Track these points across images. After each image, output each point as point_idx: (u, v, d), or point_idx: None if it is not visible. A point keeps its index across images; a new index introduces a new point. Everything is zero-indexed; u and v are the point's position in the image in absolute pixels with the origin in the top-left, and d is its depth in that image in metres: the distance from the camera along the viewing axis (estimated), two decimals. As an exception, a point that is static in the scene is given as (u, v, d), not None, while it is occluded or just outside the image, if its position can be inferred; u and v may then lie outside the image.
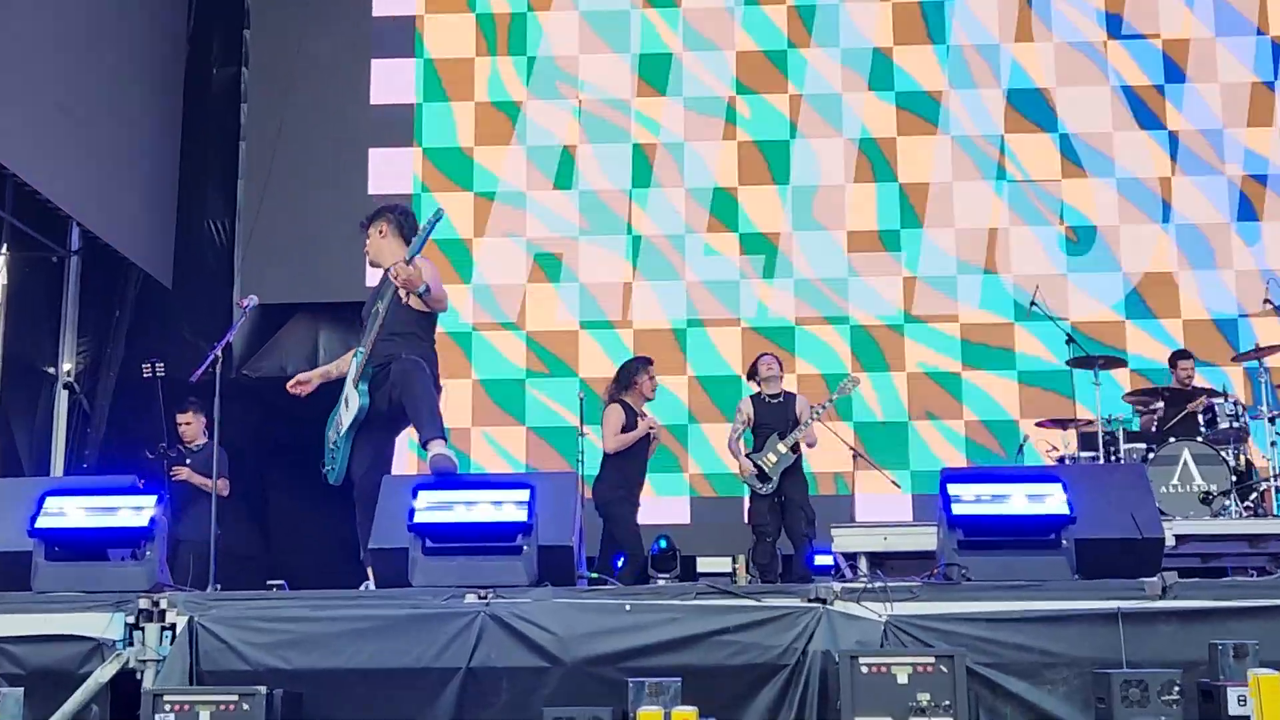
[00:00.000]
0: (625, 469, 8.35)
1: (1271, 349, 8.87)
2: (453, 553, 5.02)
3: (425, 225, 5.74)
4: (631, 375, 8.53)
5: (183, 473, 8.06)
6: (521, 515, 5.01)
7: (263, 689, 4.25)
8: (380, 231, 6.14)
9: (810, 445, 8.51)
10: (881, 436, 10.51)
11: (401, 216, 6.18)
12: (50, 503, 5.07)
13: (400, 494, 5.14)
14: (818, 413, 8.51)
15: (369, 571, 5.35)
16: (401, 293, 5.72)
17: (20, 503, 5.13)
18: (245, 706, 4.21)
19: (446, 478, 5.38)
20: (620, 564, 8.09)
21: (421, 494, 5.08)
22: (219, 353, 6.30)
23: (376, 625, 4.71)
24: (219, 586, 5.37)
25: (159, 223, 11.48)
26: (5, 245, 9.97)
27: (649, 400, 8.57)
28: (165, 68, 11.65)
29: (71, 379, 10.75)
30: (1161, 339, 10.78)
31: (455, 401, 10.46)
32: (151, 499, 5.12)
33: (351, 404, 5.83)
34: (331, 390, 6.08)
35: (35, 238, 10.14)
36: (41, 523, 5.01)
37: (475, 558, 5.01)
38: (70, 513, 5.08)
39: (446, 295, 6.02)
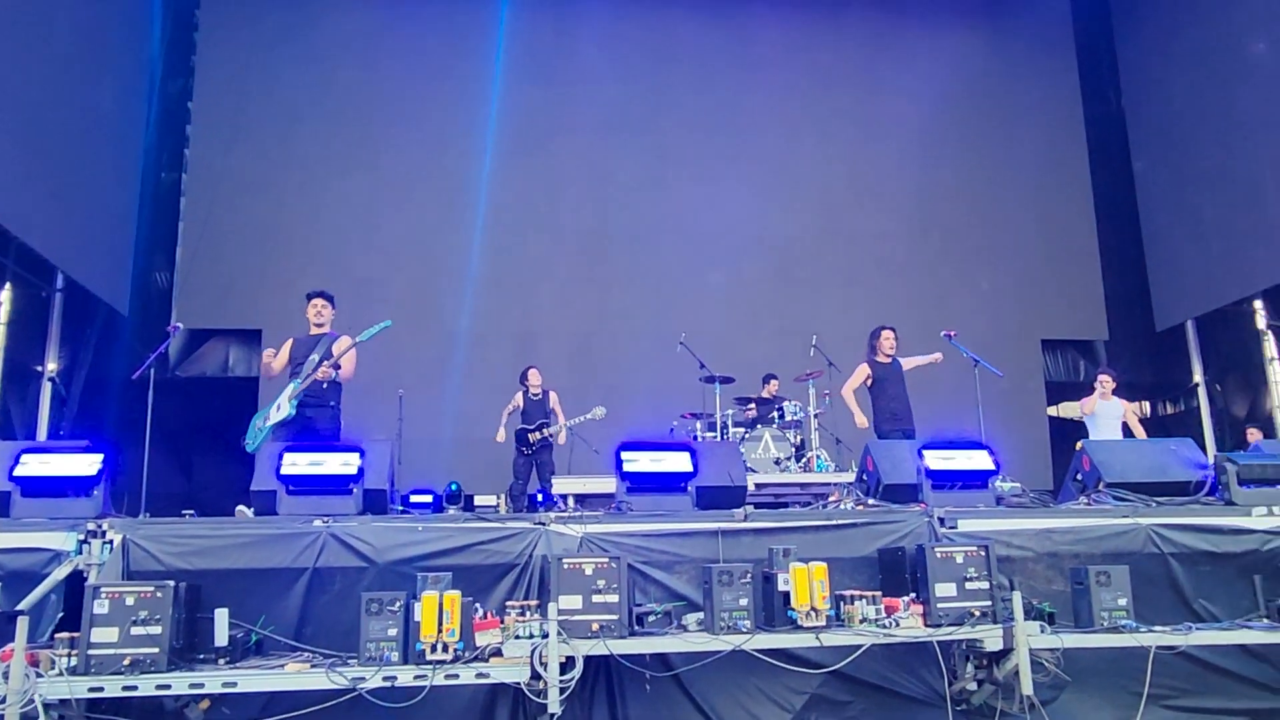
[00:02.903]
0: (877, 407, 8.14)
1: (812, 374, 10.29)
2: (307, 493, 5.29)
3: (371, 331, 6.51)
4: (871, 340, 8.39)
5: None
6: (354, 470, 5.33)
7: (171, 583, 4.30)
8: (330, 310, 6.88)
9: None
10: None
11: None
12: (25, 458, 5.23)
13: (274, 455, 5.41)
14: (570, 425, 9.37)
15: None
16: (321, 370, 6.56)
17: (3, 459, 5.23)
18: (159, 595, 4.24)
19: (303, 443, 5.73)
20: None
21: (287, 455, 5.39)
22: (153, 359, 6.61)
23: (253, 540, 4.88)
24: (148, 514, 5.51)
25: (120, 271, 12.04)
26: (9, 284, 10.27)
27: (889, 356, 8.28)
28: (128, 169, 12.34)
29: (54, 376, 10.96)
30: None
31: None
32: (100, 456, 5.28)
33: (283, 411, 6.48)
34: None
35: (30, 279, 10.46)
36: (18, 471, 5.17)
37: (322, 496, 5.26)
38: (39, 465, 5.22)
39: (352, 372, 6.79)
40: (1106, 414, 9.36)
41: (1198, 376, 14.62)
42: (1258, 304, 13.35)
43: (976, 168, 14.29)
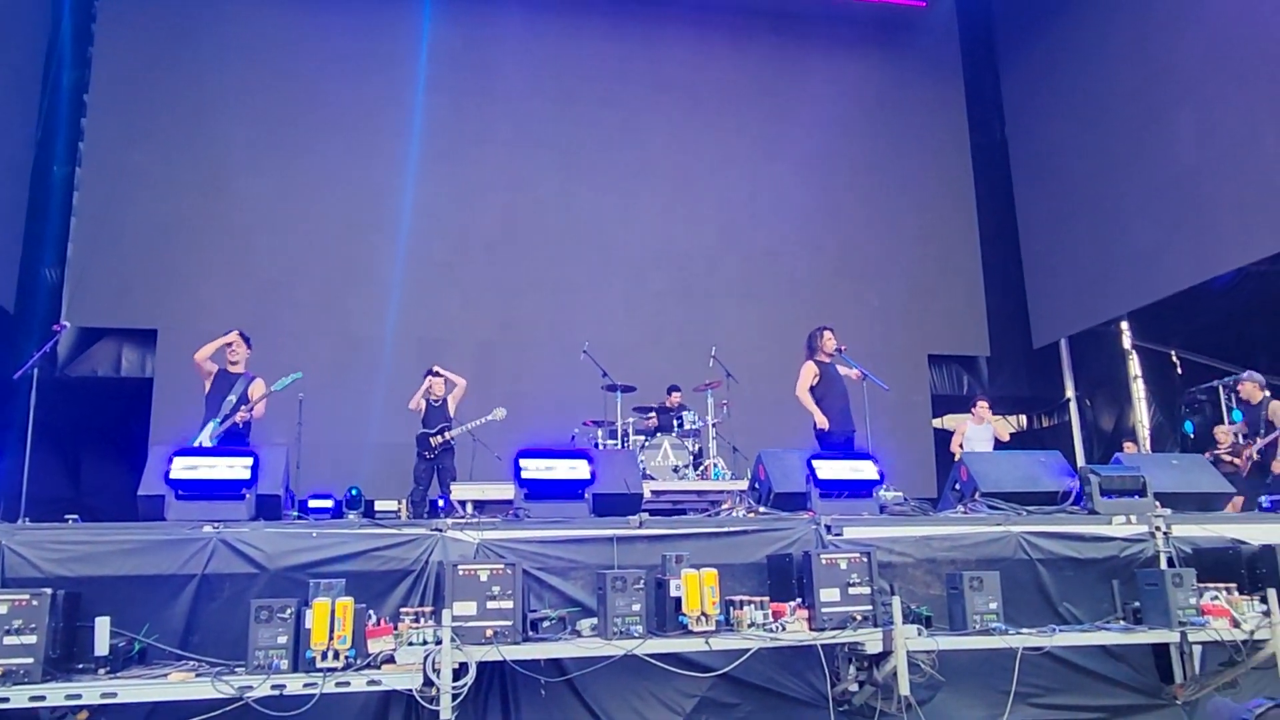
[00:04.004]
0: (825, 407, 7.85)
1: (710, 384, 10.62)
2: (196, 498, 5.15)
3: (284, 382, 6.88)
4: (812, 340, 8.17)
5: None
6: (246, 474, 5.21)
7: (48, 590, 4.16)
8: (246, 350, 7.26)
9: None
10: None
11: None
12: (-106, 460, 4.99)
13: (163, 459, 5.25)
14: (468, 427, 9.27)
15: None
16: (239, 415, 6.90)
17: None
18: (34, 603, 4.13)
19: (193, 450, 5.61)
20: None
21: (176, 459, 5.23)
22: (37, 358, 6.32)
23: (138, 546, 4.71)
24: (27, 519, 5.24)
25: (6, 266, 11.52)
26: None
27: (830, 355, 8.07)
28: (18, 162, 11.78)
29: None
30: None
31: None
32: (-24, 457, 5.10)
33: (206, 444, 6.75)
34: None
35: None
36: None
37: (212, 502, 5.14)
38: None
39: (263, 412, 7.16)
40: (978, 436, 9.85)
41: (1070, 392, 15.34)
42: (1124, 325, 14.09)
43: (869, 190, 14.71)
